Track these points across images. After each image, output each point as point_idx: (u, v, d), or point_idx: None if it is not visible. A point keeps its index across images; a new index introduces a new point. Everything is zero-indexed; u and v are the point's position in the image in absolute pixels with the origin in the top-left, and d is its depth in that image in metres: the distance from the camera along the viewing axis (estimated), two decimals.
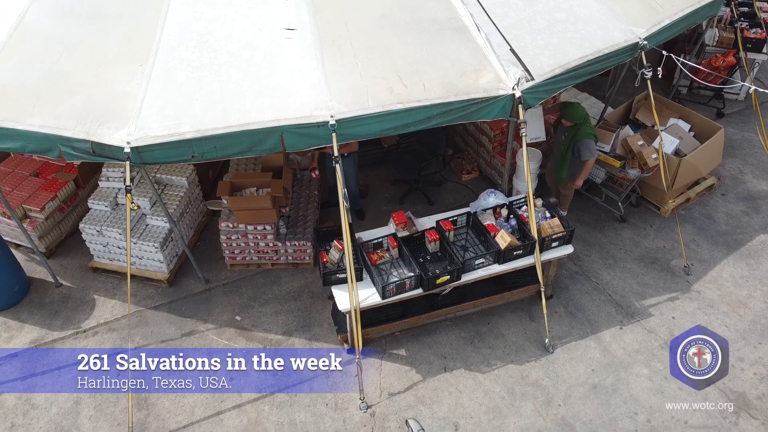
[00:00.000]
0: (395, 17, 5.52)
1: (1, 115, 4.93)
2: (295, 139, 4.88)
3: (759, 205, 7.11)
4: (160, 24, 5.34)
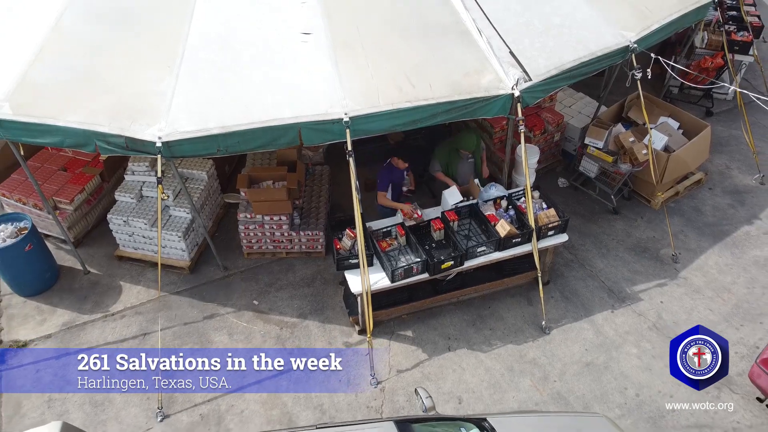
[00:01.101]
0: (403, 22, 5.95)
1: (40, 112, 5.36)
2: (311, 135, 5.31)
3: (744, 198, 7.54)
4: (186, 28, 5.77)
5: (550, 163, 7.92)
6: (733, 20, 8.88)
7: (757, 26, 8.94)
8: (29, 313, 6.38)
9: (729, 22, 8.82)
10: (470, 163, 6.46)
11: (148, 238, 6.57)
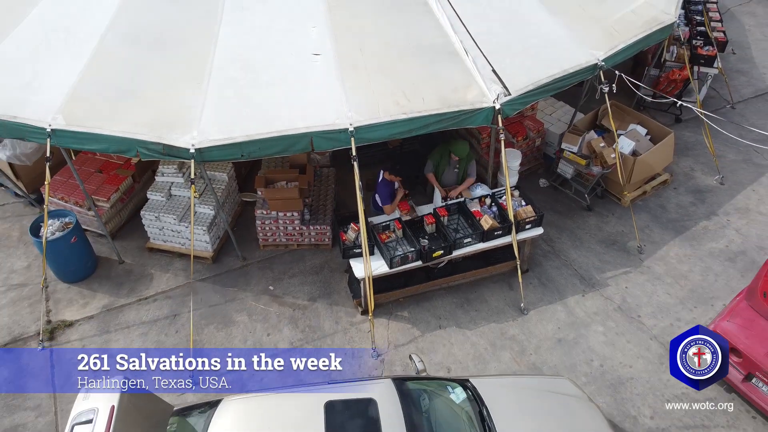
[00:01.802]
0: (400, 44, 6.85)
1: (89, 123, 6.27)
2: (321, 142, 6.22)
3: (705, 197, 8.44)
4: (212, 50, 6.67)
5: (533, 165, 8.82)
6: (700, 35, 9.79)
7: (722, 41, 9.85)
8: (73, 297, 7.29)
9: (697, 37, 9.73)
10: (455, 172, 7.34)
11: (176, 231, 7.47)
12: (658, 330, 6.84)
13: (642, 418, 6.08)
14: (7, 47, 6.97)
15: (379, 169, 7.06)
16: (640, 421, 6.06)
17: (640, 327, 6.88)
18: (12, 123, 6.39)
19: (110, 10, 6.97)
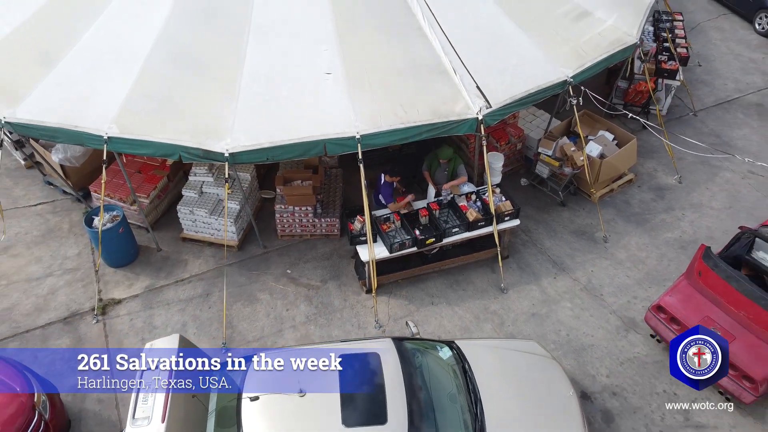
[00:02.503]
0: (398, 64, 8.08)
1: (139, 131, 7.51)
2: (333, 148, 7.46)
3: (664, 194, 9.68)
4: (240, 69, 7.90)
5: (515, 166, 10.06)
6: (666, 51, 11.03)
7: (685, 56, 11.08)
8: (119, 279, 8.53)
9: (662, 53, 10.97)
10: (445, 173, 8.59)
11: (207, 223, 8.71)
12: (617, 306, 8.09)
13: (599, 377, 7.33)
14: (66, 65, 8.20)
15: (380, 172, 8.29)
16: (598, 379, 7.30)
17: (602, 303, 8.13)
18: (73, 131, 7.63)
19: (153, 33, 8.19)
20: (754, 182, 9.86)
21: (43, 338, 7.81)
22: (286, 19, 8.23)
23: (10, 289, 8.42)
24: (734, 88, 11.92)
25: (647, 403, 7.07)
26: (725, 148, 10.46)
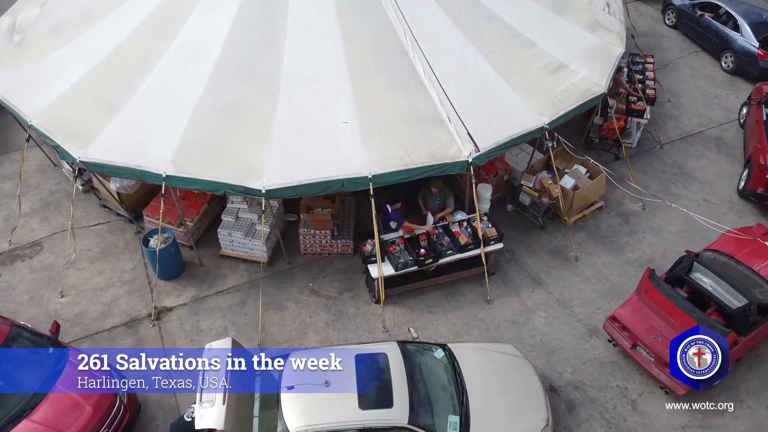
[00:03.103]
0: (403, 114, 9.75)
1: (191, 170, 9.20)
2: (349, 185, 9.15)
3: (629, 219, 11.33)
4: (273, 118, 9.59)
5: (502, 193, 11.71)
6: (637, 92, 12.68)
7: (653, 97, 12.77)
8: (169, 290, 10.23)
9: (633, 93, 12.62)
10: (437, 203, 10.27)
11: (242, 243, 10.40)
12: (583, 316, 9.76)
13: (565, 374, 9.00)
14: (127, 112, 9.91)
15: (384, 204, 9.92)
16: (564, 376, 8.97)
17: (571, 313, 9.79)
18: (137, 170, 9.34)
19: (200, 86, 9.85)
20: (707, 209, 11.50)
21: (111, 339, 9.53)
22: (310, 76, 9.90)
23: (80, 297, 10.13)
24: (698, 122, 13.57)
25: (603, 395, 8.74)
26: (685, 178, 12.14)
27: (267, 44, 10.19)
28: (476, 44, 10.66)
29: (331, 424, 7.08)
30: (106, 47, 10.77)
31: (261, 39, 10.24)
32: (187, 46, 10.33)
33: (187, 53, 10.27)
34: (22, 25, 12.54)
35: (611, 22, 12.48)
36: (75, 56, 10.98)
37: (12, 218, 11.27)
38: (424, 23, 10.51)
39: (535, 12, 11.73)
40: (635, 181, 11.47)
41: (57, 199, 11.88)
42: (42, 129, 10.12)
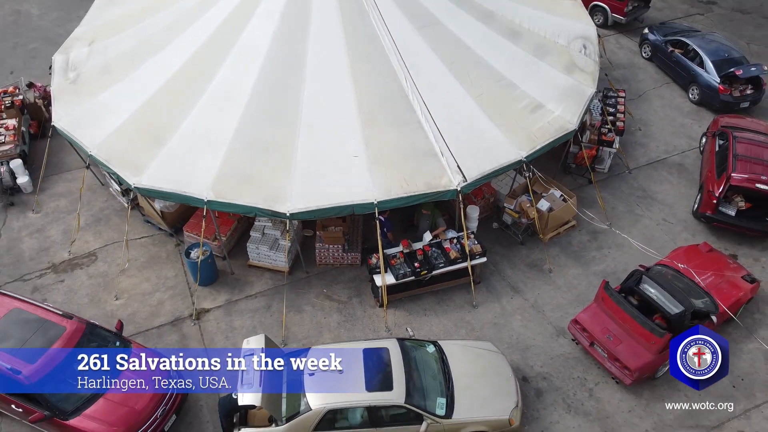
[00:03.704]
0: (403, 149, 11.65)
1: (228, 196, 11.13)
2: (358, 209, 11.07)
3: (598, 236, 13.21)
4: (294, 152, 11.51)
5: (488, 213, 13.61)
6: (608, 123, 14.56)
7: (622, 128, 14.63)
8: (206, 294, 12.16)
9: (605, 125, 14.50)
10: (427, 222, 12.21)
11: (267, 255, 12.32)
12: (553, 319, 11.64)
13: (535, 367, 10.89)
14: (172, 146, 11.84)
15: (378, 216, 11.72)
16: (534, 368, 10.87)
17: (543, 317, 11.68)
18: (183, 195, 11.28)
19: (234, 124, 11.77)
20: (665, 228, 13.37)
21: (159, 335, 11.47)
22: (326, 117, 11.82)
23: (131, 300, 12.08)
24: (664, 149, 15.44)
25: (566, 384, 10.64)
26: (649, 201, 14.02)
27: (289, 88, 12.13)
28: (466, 87, 12.56)
29: (344, 402, 9.01)
30: (151, 88, 12.73)
31: (284, 84, 12.17)
32: (221, 88, 12.28)
33: (222, 95, 12.22)
34: (75, 63, 14.53)
35: (586, 63, 14.36)
36: (124, 95, 12.94)
37: (70, 231, 13.24)
38: (422, 69, 12.43)
39: (519, 57, 13.63)
40: (602, 204, 13.36)
41: (106, 215, 13.84)
42: (100, 159, 12.06)
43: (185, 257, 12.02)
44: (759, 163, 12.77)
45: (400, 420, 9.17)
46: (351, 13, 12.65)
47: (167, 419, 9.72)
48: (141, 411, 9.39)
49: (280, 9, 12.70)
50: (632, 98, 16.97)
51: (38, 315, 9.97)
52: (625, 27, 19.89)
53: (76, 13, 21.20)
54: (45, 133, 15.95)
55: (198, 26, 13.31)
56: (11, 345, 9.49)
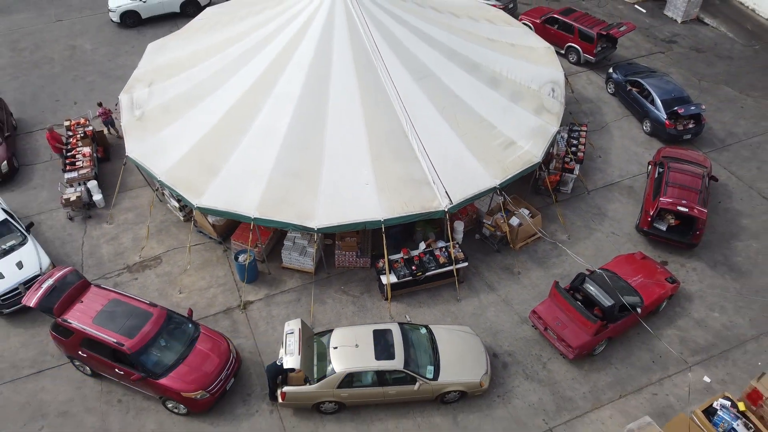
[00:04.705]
0: (404, 178, 15.07)
1: (269, 215, 14.57)
2: (369, 225, 14.50)
3: (558, 246, 16.59)
4: (320, 179, 14.94)
5: (472, 226, 17.02)
6: (570, 153, 17.96)
7: (581, 158, 18.02)
8: (250, 290, 15.60)
9: (568, 155, 17.90)
10: (421, 235, 15.65)
11: (297, 259, 15.75)
12: (519, 310, 15.04)
13: (504, 346, 14.29)
14: (224, 174, 15.27)
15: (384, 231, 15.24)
16: (503, 348, 14.27)
17: (512, 309, 15.08)
18: (234, 213, 14.70)
19: (273, 156, 15.20)
20: (613, 239, 16.77)
21: (215, 321, 14.91)
22: (343, 151, 15.24)
23: (191, 294, 15.53)
24: (618, 174, 18.82)
25: (525, 359, 14.03)
26: (602, 217, 17.40)
27: (315, 127, 15.57)
28: (454, 128, 15.98)
29: (359, 367, 12.42)
30: (205, 126, 16.19)
31: (311, 124, 15.61)
32: (262, 127, 15.73)
33: (263, 133, 15.67)
34: (139, 102, 18.02)
35: (553, 104, 17.76)
36: (183, 132, 16.40)
37: (138, 239, 16.71)
38: (419, 113, 15.86)
39: (498, 102, 17.03)
40: (563, 219, 16.76)
41: (166, 227, 17.29)
42: (168, 183, 15.51)
43: (234, 261, 15.47)
44: (685, 189, 16.13)
45: (400, 381, 12.58)
46: (363, 66, 16.11)
47: (228, 381, 13.15)
48: (210, 374, 12.82)
49: (308, 62, 16.16)
50: (596, 129, 20.36)
51: (131, 303, 13.40)
52: (596, 65, 23.27)
53: (122, 48, 24.88)
54: (109, 156, 19.53)
55: (242, 74, 16.79)
56: (115, 326, 12.92)
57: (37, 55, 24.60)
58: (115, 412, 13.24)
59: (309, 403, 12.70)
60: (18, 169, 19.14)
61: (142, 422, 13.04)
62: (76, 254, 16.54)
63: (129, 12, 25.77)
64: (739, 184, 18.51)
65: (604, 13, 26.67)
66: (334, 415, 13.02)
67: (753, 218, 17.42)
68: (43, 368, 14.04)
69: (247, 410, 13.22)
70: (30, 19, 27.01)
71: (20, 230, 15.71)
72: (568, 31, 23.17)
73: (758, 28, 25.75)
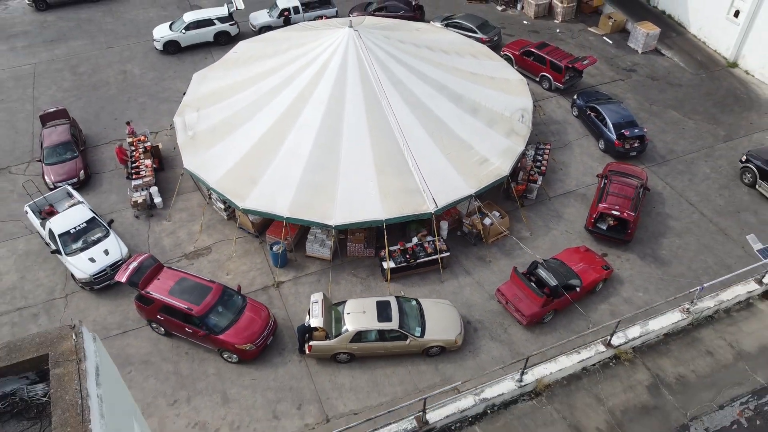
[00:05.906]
0: (401, 188, 19.61)
1: (298, 215, 19.13)
2: (374, 224, 19.07)
3: (522, 241, 21.09)
4: (337, 188, 19.49)
5: (455, 225, 21.53)
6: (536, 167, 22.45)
7: (544, 171, 22.51)
8: (281, 273, 20.15)
9: (533, 168, 22.40)
10: (414, 231, 20.21)
11: (318, 249, 20.28)
12: (488, 289, 19.56)
13: (475, 315, 18.82)
14: (262, 184, 19.83)
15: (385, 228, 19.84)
16: (475, 317, 18.80)
17: (483, 288, 19.61)
18: (270, 214, 19.28)
19: (300, 169, 19.76)
20: (567, 237, 21.27)
21: (255, 296, 19.45)
22: (354, 167, 19.79)
23: (236, 276, 20.10)
24: (575, 184, 23.30)
25: (491, 325, 18.53)
26: (558, 219, 21.89)
27: (332, 148, 20.14)
28: (440, 148, 20.51)
29: (366, 327, 16.96)
30: (245, 146, 20.79)
31: (329, 146, 20.18)
32: (291, 148, 20.31)
33: (290, 154, 20.25)
34: (190, 124, 22.64)
35: (521, 128, 22.27)
36: (228, 150, 20.99)
37: (192, 234, 21.30)
38: (413, 136, 20.41)
39: (476, 127, 21.56)
40: (526, 220, 21.27)
41: (213, 224, 21.87)
42: (218, 190, 20.09)
43: (269, 250, 20.04)
44: (620, 197, 20.61)
45: (395, 338, 17.11)
46: (371, 101, 20.68)
47: (269, 338, 17.71)
48: (256, 332, 17.39)
49: (326, 97, 20.75)
50: (560, 146, 24.85)
51: (195, 281, 17.97)
52: (565, 91, 27.73)
53: (166, 73, 29.50)
54: (163, 167, 24.13)
55: (272, 106, 21.39)
56: (186, 296, 17.48)
57: (94, 78, 29.23)
58: (184, 361, 17.82)
59: (328, 353, 17.26)
60: (90, 177, 23.75)
61: (205, 368, 17.61)
62: (144, 245, 21.13)
63: (171, 41, 30.43)
64: (672, 192, 22.98)
65: (576, 44, 31.14)
66: (347, 363, 17.56)
67: (679, 221, 21.88)
68: (127, 329, 18.63)
69: (282, 360, 17.78)
70: (84, 45, 31.65)
71: (104, 225, 20.31)
72: (542, 63, 27.64)
73: (707, 58, 30.16)
